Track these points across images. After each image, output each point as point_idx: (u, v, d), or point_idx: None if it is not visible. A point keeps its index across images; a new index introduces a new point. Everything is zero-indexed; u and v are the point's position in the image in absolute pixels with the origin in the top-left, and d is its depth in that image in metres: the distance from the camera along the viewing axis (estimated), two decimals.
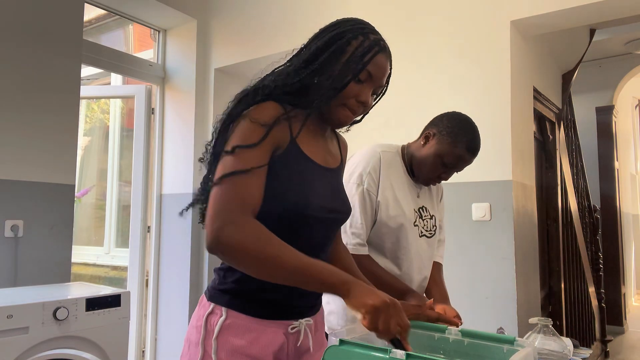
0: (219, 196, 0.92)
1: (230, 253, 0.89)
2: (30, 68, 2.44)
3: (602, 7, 2.22)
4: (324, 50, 1.03)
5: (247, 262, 0.90)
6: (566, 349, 1.20)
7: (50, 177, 2.48)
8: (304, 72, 1.02)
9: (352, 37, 1.04)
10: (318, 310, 1.13)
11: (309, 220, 1.02)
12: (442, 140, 1.47)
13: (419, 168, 1.52)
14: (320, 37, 1.06)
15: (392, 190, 1.48)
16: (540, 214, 3.11)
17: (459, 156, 1.46)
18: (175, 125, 3.48)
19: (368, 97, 1.06)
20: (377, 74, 1.05)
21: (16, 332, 1.71)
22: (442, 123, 1.50)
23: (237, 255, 0.89)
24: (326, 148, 1.13)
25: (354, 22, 1.08)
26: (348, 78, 1.01)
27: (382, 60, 1.05)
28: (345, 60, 1.02)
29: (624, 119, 6.36)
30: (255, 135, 0.95)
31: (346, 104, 1.04)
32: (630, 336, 5.15)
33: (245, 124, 0.97)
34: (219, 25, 3.43)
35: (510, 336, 0.95)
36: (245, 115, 0.98)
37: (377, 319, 0.85)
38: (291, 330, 1.03)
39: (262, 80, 1.06)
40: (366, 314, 0.85)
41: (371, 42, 1.04)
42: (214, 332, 0.98)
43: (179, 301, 3.29)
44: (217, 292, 1.02)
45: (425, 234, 1.56)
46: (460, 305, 2.29)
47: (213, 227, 0.89)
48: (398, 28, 2.66)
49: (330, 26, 1.08)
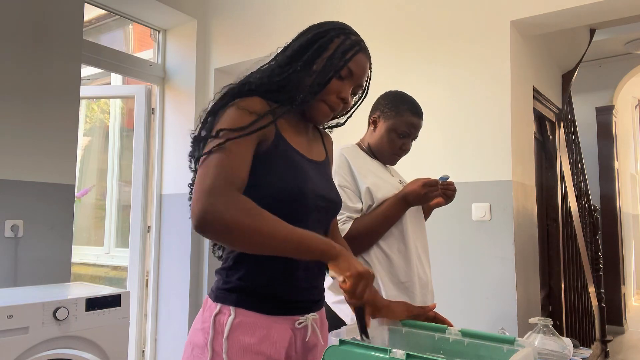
0: (204, 175, 0.93)
1: (220, 228, 0.89)
2: (30, 68, 2.44)
3: (602, 7, 2.22)
4: (307, 47, 1.07)
5: (238, 235, 0.90)
6: (566, 349, 1.20)
7: (50, 177, 2.48)
8: (287, 68, 1.06)
9: (335, 35, 1.08)
10: (322, 307, 1.14)
11: (306, 208, 1.04)
12: (387, 116, 1.60)
13: (380, 150, 1.63)
14: (304, 36, 1.10)
15: (374, 174, 1.57)
16: (540, 214, 3.11)
17: (408, 122, 1.59)
18: (175, 125, 3.48)
19: (348, 94, 1.09)
20: (357, 72, 1.08)
21: (16, 332, 1.71)
22: (381, 104, 1.64)
23: (227, 230, 0.89)
24: (309, 143, 1.16)
25: (336, 23, 1.13)
26: (330, 74, 1.04)
27: (362, 59, 1.09)
28: (327, 57, 1.05)
29: (624, 119, 6.37)
30: (242, 121, 0.97)
31: (326, 100, 1.07)
32: (630, 336, 5.15)
33: (232, 111, 1.00)
34: (219, 25, 3.43)
35: (510, 336, 0.95)
36: (233, 104, 1.00)
37: (357, 283, 0.91)
38: (298, 326, 1.04)
39: (247, 77, 1.08)
40: (350, 277, 0.91)
41: (352, 42, 1.08)
42: (224, 333, 0.97)
43: (179, 301, 3.29)
44: (223, 292, 1.02)
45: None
46: (460, 305, 2.29)
47: (201, 205, 0.89)
48: (398, 28, 2.66)
49: (313, 27, 1.12)
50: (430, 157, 2.47)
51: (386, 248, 1.53)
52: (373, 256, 1.52)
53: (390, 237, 1.54)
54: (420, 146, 1.91)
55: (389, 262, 1.52)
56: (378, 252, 1.53)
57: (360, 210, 1.52)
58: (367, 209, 1.54)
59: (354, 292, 0.92)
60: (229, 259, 1.05)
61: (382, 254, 1.53)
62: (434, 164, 2.45)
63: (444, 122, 2.47)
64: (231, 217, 0.89)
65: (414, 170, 1.90)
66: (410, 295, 1.52)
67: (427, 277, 1.61)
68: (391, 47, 2.66)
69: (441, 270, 2.28)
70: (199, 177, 0.93)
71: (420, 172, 1.79)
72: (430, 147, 2.45)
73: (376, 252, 1.52)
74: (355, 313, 0.97)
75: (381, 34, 2.69)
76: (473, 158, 2.39)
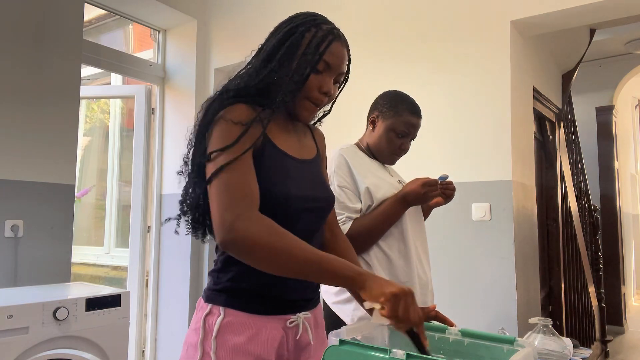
0: (221, 192, 0.92)
1: (245, 247, 0.89)
2: (30, 68, 2.44)
3: (602, 7, 2.22)
4: (279, 47, 1.05)
5: (262, 255, 0.90)
6: (566, 349, 1.20)
7: (50, 177, 2.48)
8: (263, 71, 1.04)
9: (305, 29, 1.05)
10: (316, 305, 1.14)
11: (293, 212, 1.03)
12: (386, 116, 1.61)
13: (379, 150, 1.64)
14: (275, 35, 1.08)
15: (373, 174, 1.57)
16: (540, 214, 3.10)
17: (407, 122, 1.59)
18: (175, 125, 3.48)
19: (330, 86, 1.07)
20: (334, 62, 1.06)
21: (16, 332, 1.71)
22: (379, 104, 1.64)
23: (253, 249, 0.89)
24: (299, 141, 1.15)
25: (305, 15, 1.10)
26: (307, 71, 1.02)
27: (337, 47, 1.06)
28: (301, 54, 1.03)
29: (624, 119, 6.37)
30: (233, 134, 0.97)
31: (309, 97, 1.06)
32: (630, 336, 5.15)
33: (221, 126, 0.98)
34: (219, 25, 3.43)
35: (510, 336, 0.95)
36: (219, 118, 0.99)
37: (397, 307, 0.84)
38: (289, 325, 1.04)
39: (226, 85, 1.07)
40: (386, 302, 0.85)
41: (324, 33, 1.05)
42: (212, 332, 0.98)
43: (179, 301, 3.29)
44: (214, 293, 1.03)
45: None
46: (460, 305, 2.29)
47: (225, 223, 0.89)
48: (397, 28, 2.66)
49: (283, 23, 1.10)
50: (430, 157, 2.47)
51: (386, 248, 1.53)
52: (373, 256, 1.52)
53: (390, 237, 1.54)
54: (419, 146, 1.91)
55: (389, 262, 1.52)
56: (378, 252, 1.52)
57: (360, 211, 1.52)
58: (367, 209, 1.54)
59: (396, 316, 0.85)
60: (219, 261, 1.06)
61: (382, 254, 1.53)
62: (433, 163, 2.45)
63: (443, 122, 2.47)
64: (255, 238, 0.89)
65: (413, 170, 1.90)
66: None
67: (427, 277, 1.61)
68: (391, 47, 2.66)
69: (441, 270, 2.28)
70: (216, 194, 0.93)
71: (420, 171, 1.79)
72: (430, 147, 2.45)
73: (376, 252, 1.52)
74: (408, 336, 0.88)
75: (381, 34, 2.69)
76: (473, 158, 2.39)
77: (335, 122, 1.39)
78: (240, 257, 0.93)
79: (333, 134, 1.57)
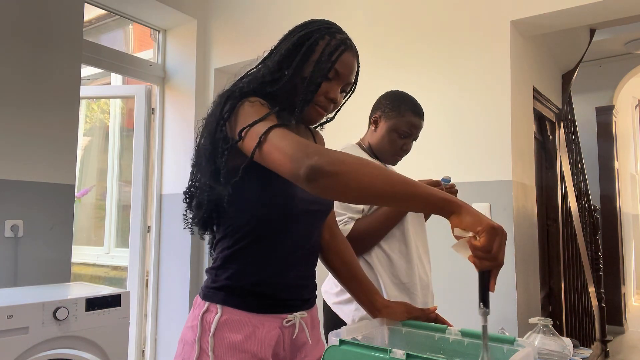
0: (280, 141, 0.88)
1: (333, 166, 0.82)
2: (30, 68, 2.44)
3: (602, 7, 2.22)
4: (293, 52, 1.05)
5: (357, 179, 0.82)
6: (566, 349, 1.20)
7: (50, 177, 2.48)
8: (279, 75, 1.04)
9: (320, 37, 1.06)
10: (313, 305, 1.14)
11: (292, 213, 1.03)
12: (389, 116, 1.60)
13: (381, 150, 1.63)
14: (289, 39, 1.08)
15: None
16: (540, 214, 3.10)
17: (409, 122, 1.58)
18: (175, 125, 3.48)
19: (337, 94, 1.08)
20: (344, 72, 1.06)
21: (16, 332, 1.71)
22: (382, 104, 1.63)
23: (345, 175, 0.82)
24: None
25: (321, 22, 1.10)
26: (320, 79, 1.03)
27: (349, 58, 1.07)
28: (315, 60, 1.04)
29: (624, 119, 6.37)
30: (263, 111, 0.96)
31: (316, 102, 1.06)
32: (630, 336, 5.15)
33: (249, 105, 0.98)
34: (219, 25, 3.43)
35: (510, 336, 0.95)
36: (243, 102, 0.99)
37: (493, 240, 0.77)
38: (286, 324, 1.05)
39: (236, 83, 1.07)
40: (483, 232, 0.77)
41: (338, 42, 1.06)
42: (210, 330, 0.99)
43: (179, 301, 3.29)
44: (211, 291, 1.03)
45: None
46: (460, 305, 2.28)
47: (301, 157, 0.83)
48: (397, 28, 2.66)
49: (298, 28, 1.10)
50: (430, 157, 2.46)
51: (387, 249, 1.53)
52: (374, 257, 1.52)
53: (391, 238, 1.54)
54: (420, 146, 1.91)
55: (390, 262, 1.52)
56: (379, 253, 1.52)
57: (362, 211, 1.52)
58: (369, 210, 1.53)
59: (489, 249, 0.77)
60: (218, 259, 1.06)
61: (384, 254, 1.53)
62: (434, 164, 2.45)
63: (443, 122, 2.47)
64: (344, 164, 0.83)
65: (414, 170, 1.89)
66: (411, 296, 1.52)
67: (428, 278, 1.61)
68: (391, 48, 2.66)
69: (441, 270, 2.28)
70: (277, 149, 0.88)
71: (421, 172, 1.79)
72: (430, 147, 2.45)
73: (377, 253, 1.52)
74: (479, 276, 0.82)
75: (381, 34, 2.69)
76: (473, 158, 2.39)
77: (335, 122, 1.39)
78: (326, 180, 0.82)
79: (333, 134, 1.57)
